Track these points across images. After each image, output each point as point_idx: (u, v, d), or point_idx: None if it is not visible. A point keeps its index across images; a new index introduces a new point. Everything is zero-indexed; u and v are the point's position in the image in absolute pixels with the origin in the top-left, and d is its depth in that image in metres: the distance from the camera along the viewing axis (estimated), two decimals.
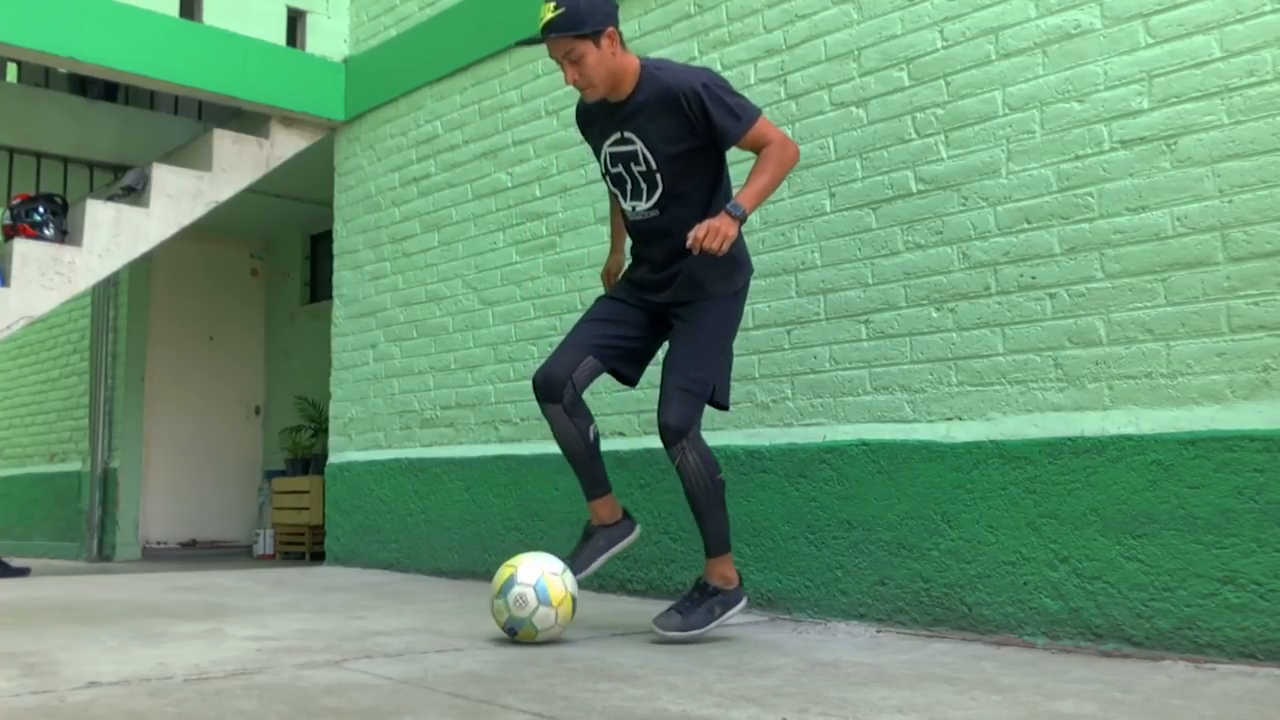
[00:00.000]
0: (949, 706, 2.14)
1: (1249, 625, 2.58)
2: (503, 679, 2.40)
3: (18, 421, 9.13)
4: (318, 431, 7.43)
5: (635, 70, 2.97)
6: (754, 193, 2.88)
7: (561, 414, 3.05)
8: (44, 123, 6.36)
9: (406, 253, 5.42)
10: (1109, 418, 2.88)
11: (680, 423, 2.94)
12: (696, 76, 2.95)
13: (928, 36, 3.38)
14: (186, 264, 8.21)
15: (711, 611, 3.00)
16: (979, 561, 3.07)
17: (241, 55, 5.56)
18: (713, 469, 2.99)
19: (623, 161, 3.04)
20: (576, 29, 2.85)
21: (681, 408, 2.96)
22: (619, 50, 2.93)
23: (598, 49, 2.88)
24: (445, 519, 4.95)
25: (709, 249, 2.80)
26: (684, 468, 2.96)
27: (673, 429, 2.94)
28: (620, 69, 2.94)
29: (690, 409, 2.97)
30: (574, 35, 2.85)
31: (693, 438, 2.96)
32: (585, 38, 2.86)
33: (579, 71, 2.90)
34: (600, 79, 2.92)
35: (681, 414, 2.95)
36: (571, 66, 2.91)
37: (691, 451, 2.95)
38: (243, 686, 2.28)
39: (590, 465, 3.12)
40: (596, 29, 2.87)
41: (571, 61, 2.90)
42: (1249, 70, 2.73)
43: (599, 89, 2.95)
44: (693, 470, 2.96)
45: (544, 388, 3.05)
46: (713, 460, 3.01)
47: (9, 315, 5.11)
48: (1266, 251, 2.66)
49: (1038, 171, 3.09)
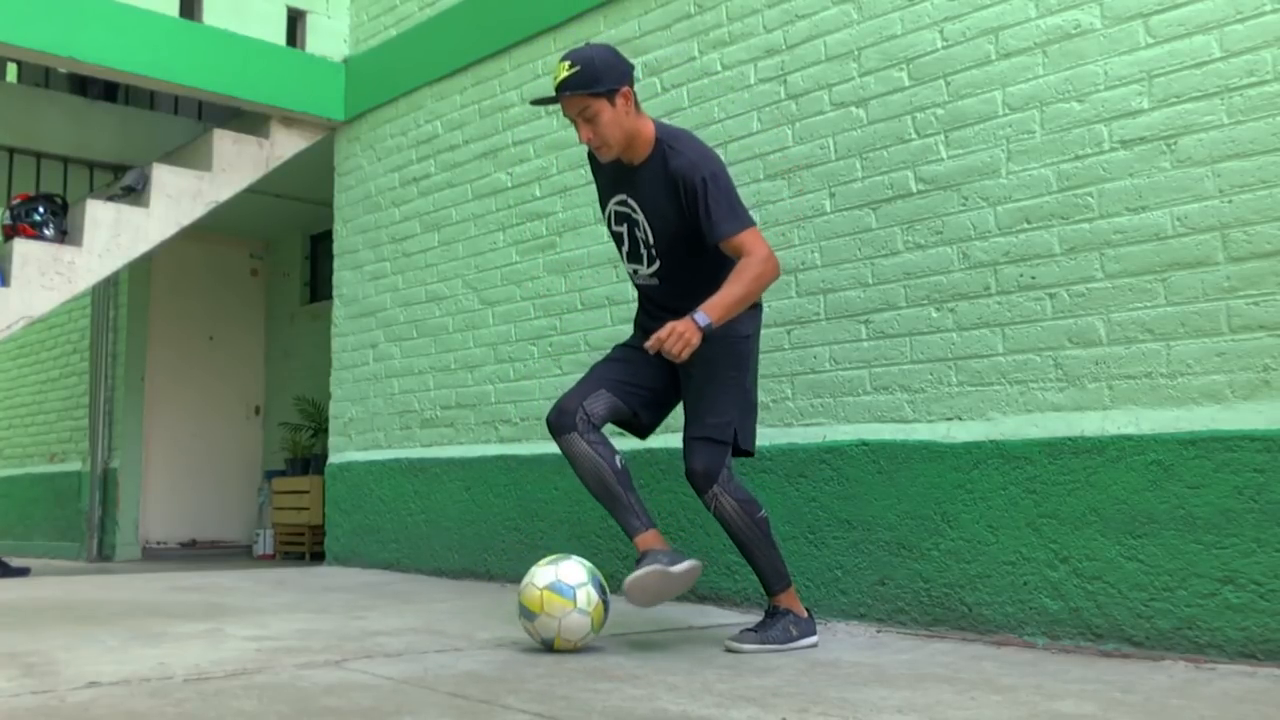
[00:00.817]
0: (949, 706, 2.14)
1: (1249, 625, 2.58)
2: (503, 679, 2.40)
3: (18, 421, 9.13)
4: (318, 431, 7.43)
5: (650, 137, 2.93)
6: (723, 303, 2.76)
7: (578, 440, 2.89)
8: (44, 123, 6.35)
9: (406, 253, 5.41)
10: (1109, 418, 2.88)
11: (707, 469, 2.88)
12: (705, 166, 2.88)
13: (928, 36, 3.38)
14: (186, 264, 8.21)
15: (789, 631, 2.90)
16: (979, 561, 3.07)
17: (241, 55, 5.56)
18: (752, 509, 2.92)
19: (625, 222, 3.01)
20: (591, 87, 2.81)
21: (704, 455, 2.89)
22: (634, 111, 2.90)
23: (612, 108, 2.85)
24: (445, 519, 4.95)
25: (668, 353, 2.71)
26: (720, 513, 2.91)
27: (699, 475, 2.89)
28: (634, 130, 2.90)
29: (713, 456, 2.90)
30: (589, 94, 2.82)
31: (724, 482, 2.90)
32: (600, 96, 2.83)
33: (593, 130, 2.86)
34: (615, 139, 2.88)
35: (706, 462, 2.89)
36: (585, 125, 2.87)
37: (725, 496, 2.89)
38: (243, 686, 2.28)
39: (624, 495, 2.89)
40: (612, 88, 2.84)
41: (586, 120, 2.86)
42: (1249, 70, 2.73)
43: (613, 149, 2.90)
44: (730, 514, 2.90)
45: (556, 420, 2.93)
46: (751, 500, 2.94)
47: (9, 315, 5.11)
48: (1266, 251, 2.66)
49: (1038, 171, 3.09)
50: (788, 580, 2.97)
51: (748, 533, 2.91)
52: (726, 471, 2.91)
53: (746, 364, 3.00)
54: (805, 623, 2.96)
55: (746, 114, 3.88)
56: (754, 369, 3.06)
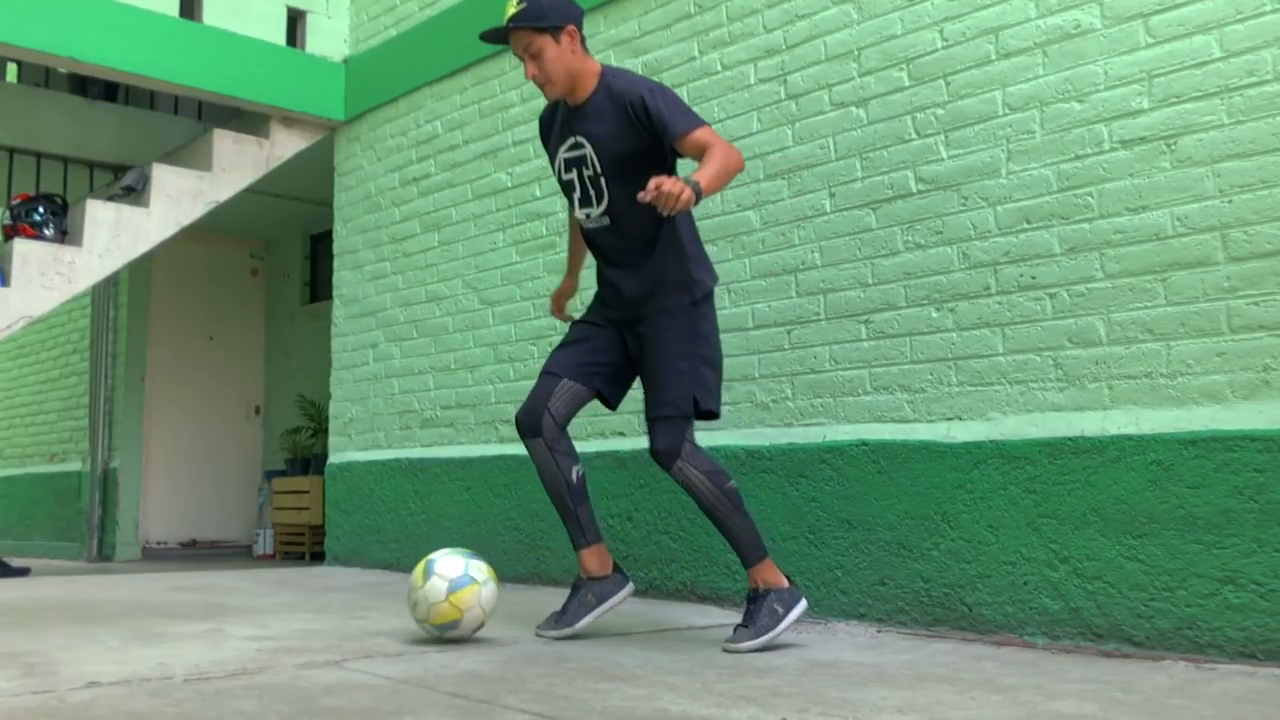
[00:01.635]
0: (949, 706, 2.14)
1: (1249, 625, 2.58)
2: (503, 679, 2.40)
3: (18, 421, 9.13)
4: (318, 431, 7.43)
5: (595, 74, 3.00)
6: (709, 173, 2.74)
7: (543, 448, 3.00)
8: (44, 123, 6.35)
9: (406, 253, 5.42)
10: (1109, 418, 2.88)
11: (668, 447, 2.91)
12: (647, 82, 3.00)
13: (928, 36, 3.38)
14: (186, 264, 8.21)
15: (775, 612, 2.87)
16: (979, 561, 3.07)
17: (241, 55, 5.56)
18: (720, 479, 2.93)
19: (575, 167, 3.03)
20: (536, 22, 2.90)
21: (664, 434, 2.93)
22: (579, 50, 2.97)
23: (556, 45, 2.92)
24: (445, 519, 4.95)
25: (657, 201, 2.65)
26: (689, 486, 2.93)
27: (662, 453, 2.93)
28: (578, 69, 2.97)
29: (673, 433, 2.92)
30: (533, 28, 2.90)
31: (688, 455, 2.92)
32: (544, 32, 2.91)
33: (537, 66, 2.94)
34: (558, 75, 2.95)
35: (666, 439, 2.92)
36: (531, 61, 2.94)
37: (690, 468, 2.91)
38: (243, 686, 2.28)
39: (575, 509, 3.02)
40: (556, 24, 2.91)
41: (531, 56, 2.94)
42: (1249, 70, 2.73)
43: (556, 86, 2.97)
44: (698, 486, 2.92)
45: (526, 421, 3.03)
46: (718, 470, 2.96)
47: (9, 315, 5.11)
48: (1266, 251, 2.66)
49: (1038, 171, 3.09)
50: (763, 550, 2.97)
51: (718, 504, 2.92)
52: (689, 445, 2.93)
53: (698, 330, 2.99)
54: (788, 593, 2.92)
55: (746, 114, 3.88)
56: (711, 334, 3.03)
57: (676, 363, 2.95)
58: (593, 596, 3.04)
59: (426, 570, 2.89)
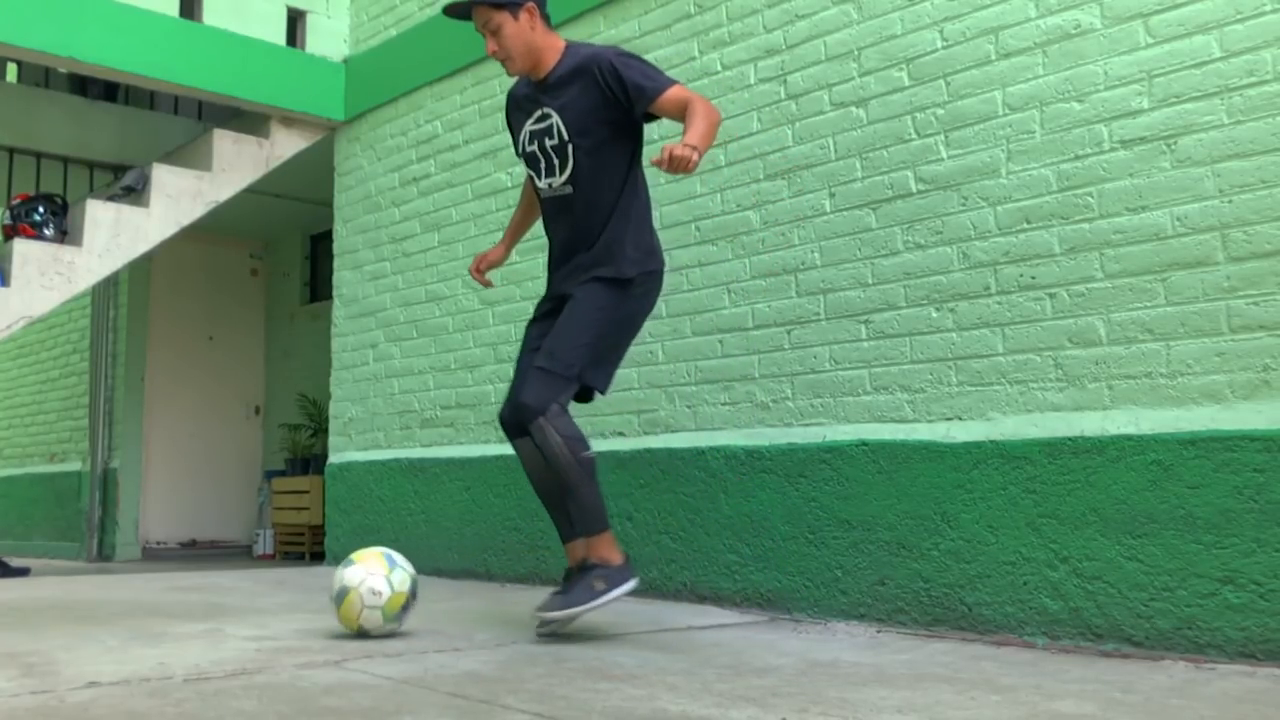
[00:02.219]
0: (949, 706, 2.14)
1: (1249, 625, 2.58)
2: (502, 679, 2.40)
3: (18, 421, 9.13)
4: (318, 431, 7.43)
5: (558, 49, 3.07)
6: (698, 131, 2.78)
7: (531, 447, 3.01)
8: (44, 123, 6.35)
9: (406, 253, 5.42)
10: (1109, 418, 2.88)
11: (535, 401, 2.90)
12: (611, 50, 3.06)
13: (928, 36, 3.38)
14: (186, 264, 8.21)
15: (592, 587, 2.88)
16: (979, 561, 3.07)
17: (241, 55, 5.56)
18: (576, 446, 2.91)
19: (539, 138, 3.07)
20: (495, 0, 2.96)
21: (537, 386, 2.92)
22: (539, 27, 3.02)
23: (515, 22, 2.98)
24: (445, 519, 4.95)
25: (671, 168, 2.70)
26: (543, 445, 2.91)
27: (527, 407, 2.91)
28: (540, 46, 3.03)
29: (546, 388, 2.91)
30: (492, 5, 2.97)
31: (552, 415, 2.90)
32: (503, 9, 2.97)
33: (497, 42, 3.00)
34: (518, 52, 3.01)
35: (537, 393, 2.91)
36: (491, 37, 3.01)
37: (550, 429, 2.89)
38: (243, 686, 2.28)
39: (563, 502, 3.04)
40: (515, 2, 2.97)
41: (491, 32, 3.00)
42: (1249, 70, 2.73)
43: (516, 62, 3.04)
44: (554, 447, 2.89)
45: (510, 422, 3.05)
46: (578, 437, 2.94)
47: (9, 315, 5.11)
48: (1266, 251, 2.66)
49: (1038, 171, 3.09)
50: (605, 523, 2.98)
51: (569, 469, 2.90)
52: (558, 407, 2.92)
53: (614, 309, 3.01)
54: (616, 571, 2.92)
55: (746, 114, 3.88)
56: (630, 319, 3.07)
57: (585, 328, 2.98)
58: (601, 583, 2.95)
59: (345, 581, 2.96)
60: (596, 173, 3.00)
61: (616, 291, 3.02)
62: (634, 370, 4.15)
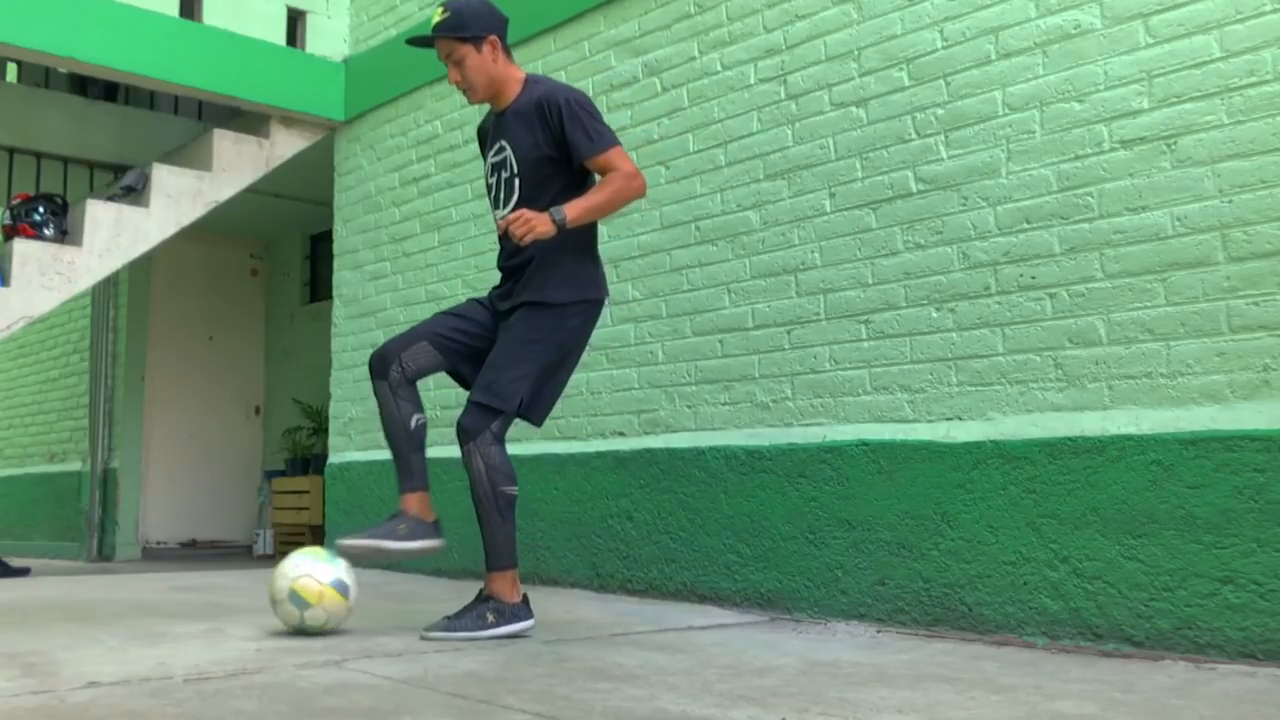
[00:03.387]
0: (949, 706, 2.14)
1: (1249, 625, 2.58)
2: (502, 679, 2.40)
3: (18, 421, 9.13)
4: (318, 431, 7.42)
5: (519, 81, 3.16)
6: (582, 207, 2.96)
7: (387, 391, 3.10)
8: (44, 123, 6.35)
9: (406, 253, 5.41)
10: (1109, 418, 2.88)
11: (470, 425, 3.02)
12: (566, 93, 3.10)
13: (928, 36, 3.38)
14: (186, 264, 8.21)
15: (483, 617, 2.96)
16: (979, 561, 3.07)
17: (241, 55, 5.55)
18: (499, 479, 3.01)
19: (497, 170, 3.17)
20: (458, 32, 3.05)
21: (474, 415, 3.03)
22: (501, 59, 3.12)
23: (478, 54, 3.07)
24: (445, 519, 4.91)
25: (512, 233, 2.90)
26: (469, 470, 3.03)
27: (463, 429, 3.02)
28: (501, 77, 3.12)
29: (479, 418, 3.02)
30: (455, 38, 3.06)
31: (483, 443, 3.00)
32: (466, 41, 3.06)
33: (460, 73, 3.09)
34: (479, 83, 3.10)
35: (472, 420, 3.03)
36: (454, 68, 3.10)
37: (478, 456, 3.00)
38: (243, 686, 2.28)
39: (407, 454, 3.13)
40: (478, 35, 3.06)
41: (454, 63, 3.09)
42: (1249, 70, 2.73)
43: (478, 92, 3.13)
44: (476, 474, 3.02)
45: (376, 364, 3.13)
46: (505, 470, 3.03)
47: (9, 315, 5.10)
48: (1266, 251, 2.66)
49: (1038, 171, 3.09)
50: (512, 562, 3.04)
51: (485, 499, 3.01)
52: (489, 434, 3.00)
53: (551, 335, 3.06)
54: (510, 610, 2.99)
55: (746, 114, 3.88)
56: (566, 349, 3.11)
57: (520, 359, 3.04)
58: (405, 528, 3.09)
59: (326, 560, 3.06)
60: (534, 205, 3.01)
61: (548, 318, 3.06)
62: (634, 370, 4.15)
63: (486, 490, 3.01)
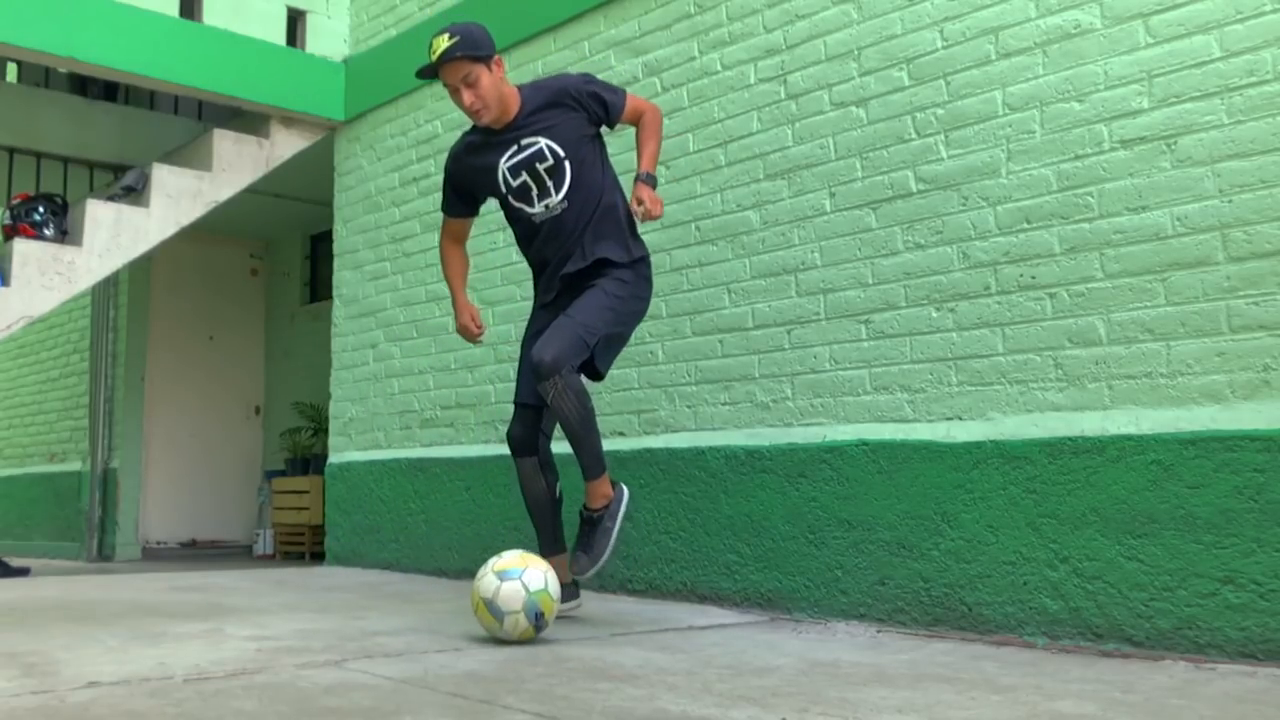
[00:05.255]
0: (949, 706, 2.14)
1: (1249, 625, 2.58)
2: (503, 679, 2.40)
3: (18, 421, 9.13)
4: (318, 431, 7.43)
5: (517, 95, 3.27)
6: (653, 157, 3.27)
7: (534, 468, 3.29)
8: (44, 123, 6.35)
9: (406, 253, 5.41)
10: (1109, 418, 2.88)
11: (554, 358, 3.03)
12: (573, 78, 3.37)
13: (928, 36, 3.38)
14: (186, 264, 8.21)
15: (607, 531, 3.11)
16: (979, 561, 3.07)
17: (241, 55, 5.56)
18: (584, 400, 3.11)
19: (525, 168, 3.24)
20: (473, 51, 3.13)
21: (561, 344, 3.06)
22: (504, 78, 3.24)
23: (490, 73, 3.17)
24: (445, 519, 4.95)
25: (656, 215, 3.13)
26: (559, 404, 3.05)
27: (546, 364, 3.02)
28: (507, 95, 3.24)
29: (569, 348, 3.06)
30: (471, 58, 3.12)
31: (568, 373, 3.05)
32: (480, 61, 3.14)
33: (475, 94, 3.16)
34: (492, 101, 3.19)
35: (558, 350, 3.04)
36: (468, 90, 3.16)
37: (567, 388, 3.04)
38: (243, 686, 2.28)
39: (551, 521, 3.32)
40: (489, 54, 3.16)
41: (468, 85, 3.15)
42: (1249, 70, 2.73)
43: (491, 111, 3.20)
44: (569, 406, 3.06)
45: (519, 442, 3.30)
46: (583, 392, 3.12)
47: (9, 315, 5.11)
48: (1266, 251, 2.66)
49: (1038, 171, 3.09)
50: (605, 467, 3.18)
51: (583, 422, 3.09)
52: (570, 367, 3.07)
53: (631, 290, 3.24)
54: (613, 501, 3.15)
55: (746, 114, 3.88)
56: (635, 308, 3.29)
57: (605, 304, 3.17)
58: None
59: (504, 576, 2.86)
60: (589, 182, 3.25)
61: (628, 274, 3.23)
62: (634, 370, 4.15)
63: (580, 413, 3.08)
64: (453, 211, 3.51)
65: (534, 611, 2.83)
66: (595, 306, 3.16)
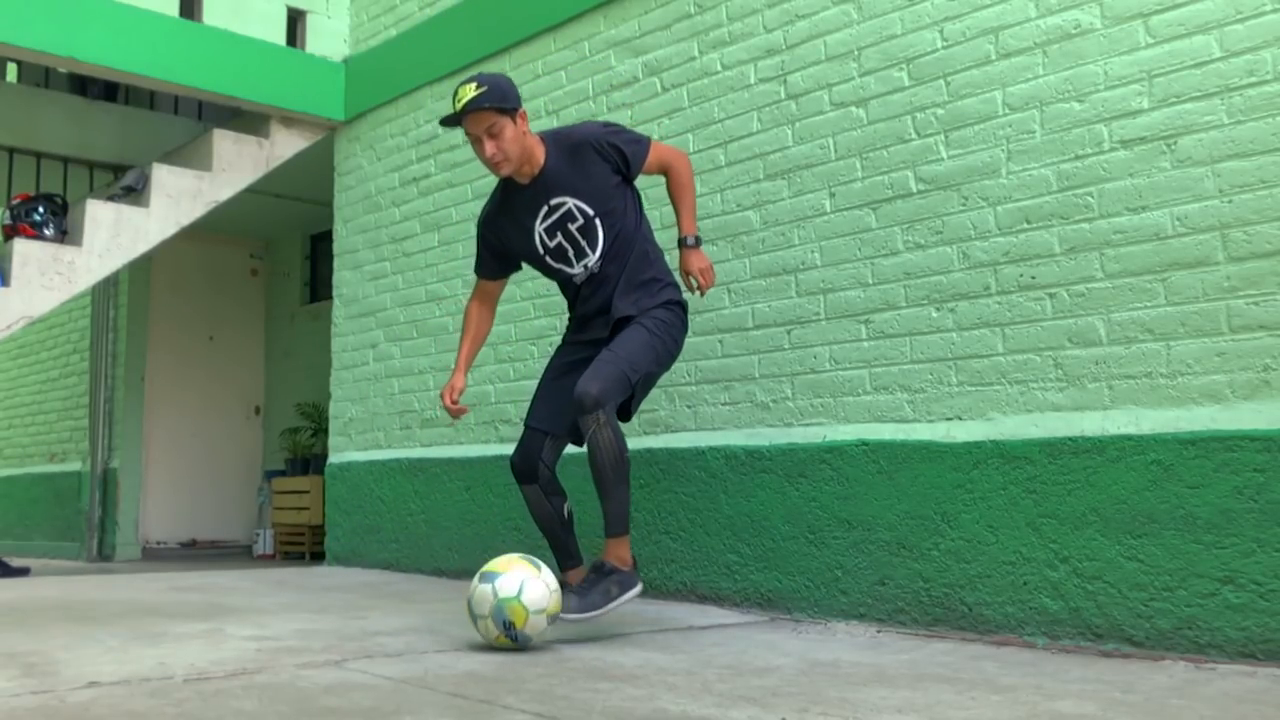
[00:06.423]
0: (949, 706, 2.14)
1: (1249, 625, 2.58)
2: (502, 679, 2.40)
3: (18, 421, 9.13)
4: (318, 431, 7.43)
5: (541, 146, 3.20)
6: (692, 212, 3.30)
7: (539, 494, 3.23)
8: (44, 123, 6.35)
9: (406, 253, 5.42)
10: (1109, 418, 2.88)
11: (600, 393, 2.98)
12: (594, 127, 3.32)
13: (928, 36, 3.38)
14: (186, 264, 8.21)
15: (609, 593, 3.02)
16: (979, 561, 3.07)
17: (241, 55, 5.56)
18: (623, 446, 3.03)
19: (559, 229, 3.21)
20: (500, 103, 3.07)
21: (606, 379, 3.01)
22: (528, 131, 3.17)
23: (515, 125, 3.11)
24: (445, 519, 4.95)
25: (709, 285, 3.27)
26: (597, 439, 2.98)
27: (592, 397, 2.96)
28: (530, 147, 3.17)
29: (614, 384, 3.02)
30: (497, 109, 3.07)
31: (610, 411, 3.00)
32: (506, 113, 3.08)
33: (497, 145, 3.09)
34: (515, 154, 3.12)
35: (603, 385, 3.00)
36: (490, 140, 3.09)
37: (606, 425, 2.99)
38: (243, 686, 2.28)
39: (565, 539, 3.27)
40: (515, 106, 3.11)
41: (491, 136, 3.08)
42: (1249, 70, 2.73)
43: (512, 163, 3.13)
44: (605, 443, 2.98)
45: (521, 470, 3.24)
46: (623, 437, 3.06)
47: (9, 315, 5.11)
48: (1266, 251, 2.66)
49: (1038, 171, 3.09)
50: (627, 528, 3.09)
51: (616, 467, 3.01)
52: (612, 405, 3.02)
53: (667, 329, 3.21)
54: (627, 576, 3.07)
55: (746, 114, 3.88)
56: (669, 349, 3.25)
57: (646, 343, 3.14)
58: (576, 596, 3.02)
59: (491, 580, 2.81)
60: (622, 234, 3.22)
61: (662, 314, 3.21)
62: None
63: (616, 459, 3.00)
64: (485, 273, 3.43)
65: (501, 619, 2.73)
66: (639, 343, 3.12)
